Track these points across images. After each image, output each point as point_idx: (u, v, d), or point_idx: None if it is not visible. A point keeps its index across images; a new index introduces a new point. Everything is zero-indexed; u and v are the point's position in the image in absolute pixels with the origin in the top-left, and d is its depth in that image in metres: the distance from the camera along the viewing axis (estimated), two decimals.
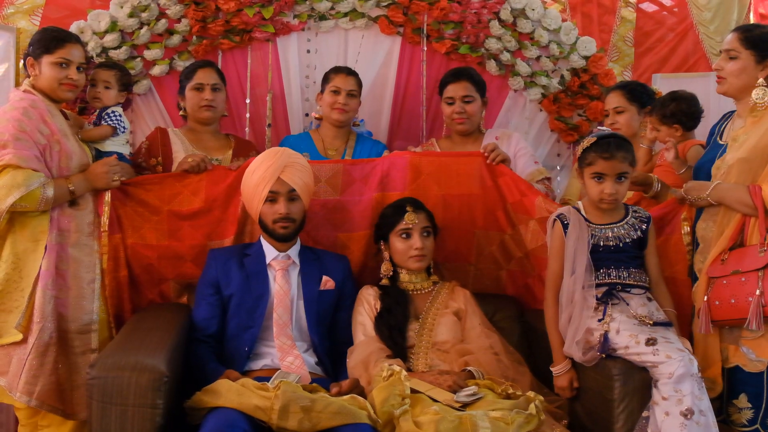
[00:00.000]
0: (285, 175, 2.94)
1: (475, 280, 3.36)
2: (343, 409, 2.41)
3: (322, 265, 3.06)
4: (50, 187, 2.95)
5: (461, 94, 3.62)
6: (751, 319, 2.56)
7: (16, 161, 2.87)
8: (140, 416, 2.41)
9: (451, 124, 3.70)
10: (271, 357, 2.87)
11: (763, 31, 2.83)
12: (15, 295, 2.92)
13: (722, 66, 2.88)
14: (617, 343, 2.64)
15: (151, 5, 3.86)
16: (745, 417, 2.70)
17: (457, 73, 3.68)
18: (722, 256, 2.75)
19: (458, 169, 3.31)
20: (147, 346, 2.60)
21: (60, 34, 3.15)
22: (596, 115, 4.14)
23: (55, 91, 3.11)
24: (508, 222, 3.29)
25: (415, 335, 2.94)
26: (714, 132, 3.03)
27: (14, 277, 2.92)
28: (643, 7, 4.92)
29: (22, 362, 2.87)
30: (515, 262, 3.33)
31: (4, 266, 2.92)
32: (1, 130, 2.92)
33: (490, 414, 2.41)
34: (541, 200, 3.20)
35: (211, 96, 3.57)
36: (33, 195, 2.90)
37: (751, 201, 2.70)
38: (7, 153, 2.87)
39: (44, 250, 2.96)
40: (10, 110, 2.97)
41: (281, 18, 4.01)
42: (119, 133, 3.33)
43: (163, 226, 3.20)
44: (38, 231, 2.97)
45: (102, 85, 3.41)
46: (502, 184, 3.28)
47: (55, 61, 3.08)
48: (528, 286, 3.35)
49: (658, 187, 3.10)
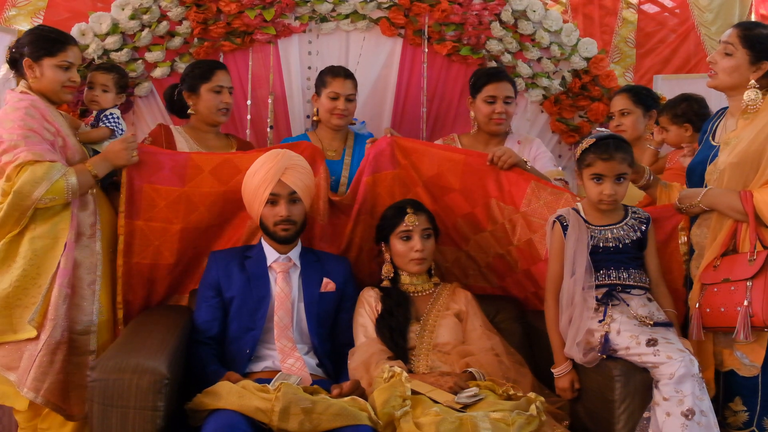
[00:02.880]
0: (286, 177, 2.94)
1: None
2: (343, 410, 2.41)
3: (323, 267, 3.06)
4: (72, 175, 2.94)
5: (504, 94, 3.55)
6: (739, 330, 2.55)
7: (32, 157, 2.86)
8: (141, 418, 2.41)
9: (488, 124, 3.59)
10: (272, 359, 2.87)
11: (763, 32, 2.79)
12: (32, 291, 2.90)
13: (716, 60, 2.85)
14: (618, 344, 2.64)
15: (152, 7, 3.87)
16: (741, 420, 2.70)
17: (498, 73, 3.61)
18: (714, 263, 2.74)
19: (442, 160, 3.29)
20: (148, 348, 2.60)
21: (60, 35, 3.13)
22: (597, 116, 4.14)
23: (57, 94, 3.09)
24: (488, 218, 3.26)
25: (416, 337, 2.94)
26: (707, 130, 3.00)
27: (32, 273, 2.90)
28: (645, 8, 4.94)
29: (32, 358, 2.85)
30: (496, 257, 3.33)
31: (21, 262, 2.90)
32: (8, 131, 2.90)
33: (491, 415, 2.41)
34: (534, 185, 3.14)
35: (229, 100, 3.57)
36: (58, 187, 2.90)
37: (742, 207, 2.68)
38: (20, 151, 2.86)
39: (63, 247, 2.95)
40: (12, 111, 2.96)
41: (282, 20, 4.01)
42: (117, 135, 3.33)
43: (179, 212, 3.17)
44: (59, 228, 2.96)
45: (100, 89, 3.41)
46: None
47: (58, 64, 3.06)
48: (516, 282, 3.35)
49: (650, 177, 3.07)
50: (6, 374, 2.87)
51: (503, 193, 3.20)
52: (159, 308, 3.18)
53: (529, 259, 3.18)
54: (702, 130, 3.05)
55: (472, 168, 3.23)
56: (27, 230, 2.93)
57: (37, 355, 2.85)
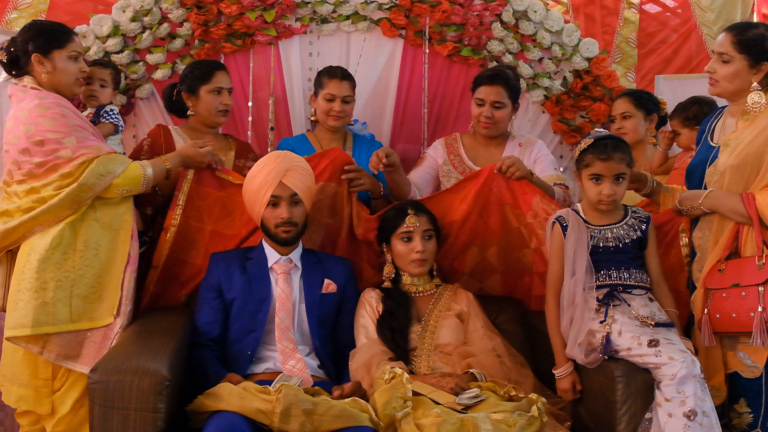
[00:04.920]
0: (287, 179, 2.93)
1: None
2: (344, 412, 2.41)
3: (324, 268, 3.06)
4: (149, 167, 2.99)
5: (492, 98, 3.52)
6: (756, 335, 2.55)
7: (93, 152, 2.86)
8: (142, 420, 2.41)
9: (477, 126, 3.61)
10: (274, 360, 2.87)
11: (756, 33, 2.75)
12: (106, 279, 2.89)
13: (715, 69, 2.82)
14: (619, 345, 2.63)
15: (153, 9, 3.88)
16: (746, 421, 2.69)
17: (494, 76, 3.56)
18: (719, 266, 2.73)
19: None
20: (149, 350, 2.60)
21: (62, 27, 3.07)
22: (599, 116, 4.13)
23: (70, 87, 3.04)
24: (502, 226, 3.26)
25: (418, 338, 2.94)
26: (705, 130, 2.97)
27: (102, 261, 2.89)
28: (647, 8, 4.94)
29: (107, 345, 2.83)
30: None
31: (90, 251, 2.88)
32: (53, 130, 2.84)
33: (492, 416, 2.40)
34: (539, 199, 3.15)
35: (229, 101, 3.57)
36: (135, 179, 2.94)
37: (745, 210, 2.67)
38: (78, 148, 2.84)
39: (131, 236, 2.97)
40: (45, 110, 2.88)
41: (283, 21, 4.02)
42: (119, 130, 3.33)
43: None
44: (124, 219, 2.97)
45: (98, 83, 3.41)
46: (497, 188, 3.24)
47: (69, 54, 3.00)
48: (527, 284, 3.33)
49: (654, 184, 3.06)
50: (64, 363, 2.82)
51: (515, 201, 3.22)
52: (159, 310, 3.18)
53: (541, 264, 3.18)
54: (699, 130, 3.03)
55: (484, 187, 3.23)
56: (89, 219, 2.90)
57: (114, 337, 2.84)
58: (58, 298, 2.80)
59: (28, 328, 2.75)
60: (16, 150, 2.87)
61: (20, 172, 2.87)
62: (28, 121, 2.86)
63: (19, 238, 2.88)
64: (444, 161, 3.65)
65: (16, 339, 2.78)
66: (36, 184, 2.86)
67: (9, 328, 2.79)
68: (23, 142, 2.85)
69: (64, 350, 2.82)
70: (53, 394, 2.90)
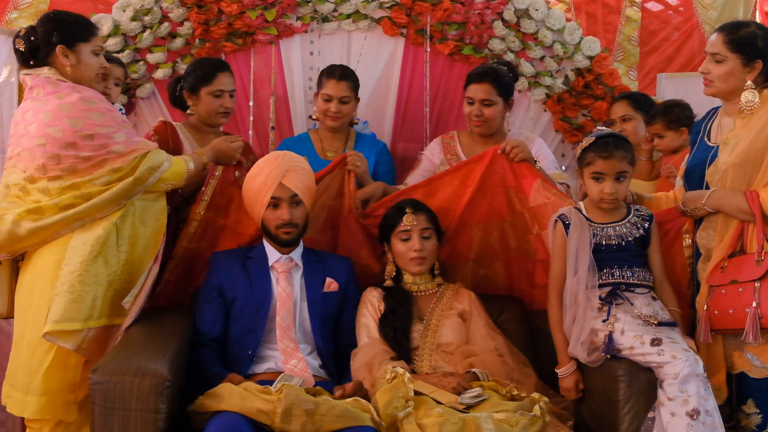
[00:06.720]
0: (287, 180, 2.92)
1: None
2: (346, 412, 2.40)
3: (325, 267, 3.05)
4: (191, 161, 3.01)
5: (481, 96, 3.49)
6: (748, 332, 2.54)
7: (144, 147, 2.88)
8: (143, 421, 2.40)
9: (469, 124, 3.61)
10: (275, 360, 2.86)
11: (748, 32, 2.74)
12: (137, 276, 2.89)
13: (709, 69, 2.81)
14: (622, 344, 2.62)
15: (153, 9, 3.88)
16: (754, 422, 2.68)
17: (482, 74, 3.54)
18: (722, 264, 2.72)
19: None
20: (149, 350, 2.59)
21: (88, 20, 3.01)
22: (601, 115, 4.13)
23: (91, 82, 2.97)
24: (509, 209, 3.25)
25: (420, 337, 2.93)
26: (700, 130, 2.96)
27: (140, 257, 2.91)
28: (649, 6, 4.94)
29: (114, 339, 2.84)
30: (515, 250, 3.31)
31: (132, 247, 2.89)
32: (102, 125, 2.80)
33: (494, 416, 2.40)
34: (540, 183, 3.13)
35: (230, 103, 3.52)
36: (179, 172, 2.97)
37: (749, 208, 2.66)
38: (129, 143, 2.84)
39: (164, 234, 2.98)
40: (90, 104, 2.82)
41: (284, 20, 4.01)
42: None
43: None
44: (161, 215, 2.98)
45: (113, 81, 3.39)
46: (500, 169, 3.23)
47: (94, 49, 2.94)
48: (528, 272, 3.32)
49: (633, 197, 3.04)
50: (96, 358, 2.76)
51: (518, 184, 3.20)
52: (160, 310, 3.17)
53: (543, 251, 3.17)
54: (694, 131, 3.03)
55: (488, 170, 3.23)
56: (129, 216, 2.89)
57: (120, 333, 2.84)
58: (98, 294, 2.80)
59: (79, 322, 2.74)
60: (58, 144, 2.76)
61: (59, 167, 2.77)
62: (74, 115, 2.77)
63: (51, 235, 2.80)
64: (441, 161, 3.63)
65: (57, 335, 2.72)
66: (78, 180, 2.79)
67: (54, 321, 2.71)
68: (70, 136, 2.76)
69: (98, 346, 2.82)
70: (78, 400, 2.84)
